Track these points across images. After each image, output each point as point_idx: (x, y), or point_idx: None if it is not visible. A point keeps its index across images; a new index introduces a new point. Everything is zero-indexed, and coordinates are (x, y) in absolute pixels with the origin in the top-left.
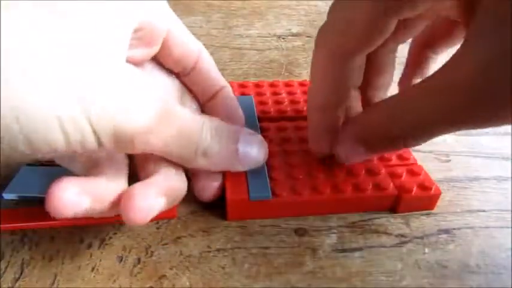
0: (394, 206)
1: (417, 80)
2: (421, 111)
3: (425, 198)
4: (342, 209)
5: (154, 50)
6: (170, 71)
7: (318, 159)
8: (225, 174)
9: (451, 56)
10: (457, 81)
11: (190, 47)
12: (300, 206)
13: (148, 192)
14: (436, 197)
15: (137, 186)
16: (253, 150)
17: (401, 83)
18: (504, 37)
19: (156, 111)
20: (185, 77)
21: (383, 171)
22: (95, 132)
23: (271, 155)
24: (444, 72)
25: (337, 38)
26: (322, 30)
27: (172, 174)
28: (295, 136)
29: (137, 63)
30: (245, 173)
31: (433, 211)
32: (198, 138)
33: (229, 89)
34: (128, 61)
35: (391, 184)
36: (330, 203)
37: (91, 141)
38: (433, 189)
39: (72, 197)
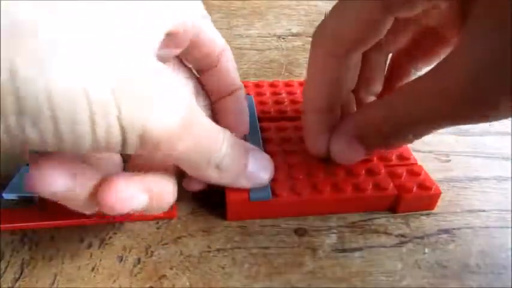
0: (394, 206)
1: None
2: (413, 112)
3: (425, 198)
4: (342, 209)
5: (180, 50)
6: (189, 67)
7: (318, 159)
8: None
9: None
10: (448, 88)
11: (215, 45)
12: (300, 206)
13: (132, 183)
14: (436, 196)
15: (121, 175)
16: (261, 169)
17: (380, 94)
18: (494, 46)
19: (185, 115)
20: (204, 73)
21: (383, 171)
22: (122, 127)
23: (271, 155)
24: (435, 76)
25: (333, 37)
26: (318, 31)
27: (162, 178)
28: (295, 136)
29: (162, 61)
30: None
31: (433, 211)
32: (215, 149)
33: (242, 91)
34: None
35: (391, 184)
36: (329, 203)
37: (116, 138)
38: (433, 189)
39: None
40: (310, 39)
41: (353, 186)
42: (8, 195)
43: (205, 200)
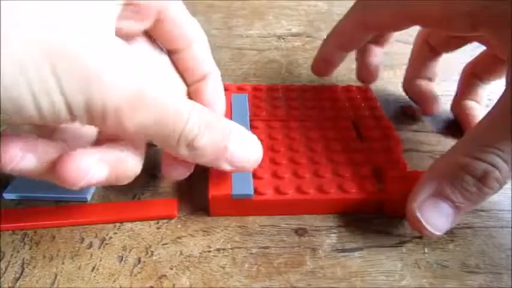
0: (381, 208)
1: (467, 103)
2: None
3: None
4: (326, 209)
5: (145, 24)
6: (161, 48)
7: (305, 159)
8: (209, 169)
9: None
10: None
11: (185, 29)
12: (282, 205)
13: (89, 155)
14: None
15: (81, 149)
16: (245, 152)
17: (453, 106)
18: None
19: (131, 92)
20: (176, 55)
21: (370, 173)
22: (67, 102)
23: None
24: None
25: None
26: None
27: (126, 150)
28: (283, 136)
29: (128, 36)
30: None
31: None
32: (181, 129)
33: (218, 75)
34: (117, 33)
35: (377, 187)
36: (313, 203)
37: (63, 112)
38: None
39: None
40: (311, 39)
41: (338, 187)
42: (8, 195)
43: (205, 200)
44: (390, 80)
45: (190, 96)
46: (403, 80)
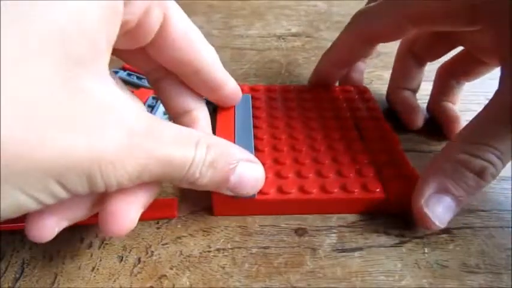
0: (383, 209)
1: (443, 104)
2: None
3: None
4: (329, 209)
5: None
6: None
7: (308, 159)
8: None
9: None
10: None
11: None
12: (285, 205)
13: (130, 209)
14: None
15: (118, 202)
16: (247, 183)
17: (429, 106)
18: None
19: (123, 140)
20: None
21: (372, 174)
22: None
23: (261, 152)
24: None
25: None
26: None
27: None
28: (286, 136)
29: (126, 53)
30: None
31: None
32: (183, 176)
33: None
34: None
35: (380, 187)
36: (316, 203)
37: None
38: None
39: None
40: (311, 39)
41: (341, 187)
42: None
43: (205, 200)
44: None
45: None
46: (386, 90)
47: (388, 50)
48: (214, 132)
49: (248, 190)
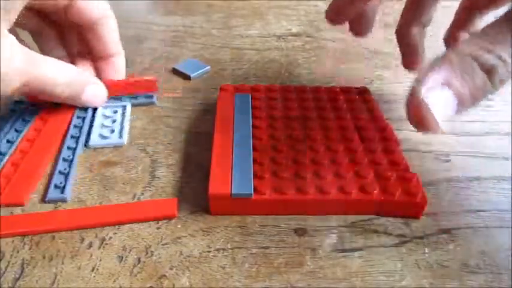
0: (378, 211)
1: (462, 35)
2: None
3: (409, 205)
4: (326, 210)
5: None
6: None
7: (307, 159)
8: (209, 169)
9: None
10: None
11: (92, 12)
12: (282, 205)
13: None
14: (420, 205)
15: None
16: (94, 97)
17: (446, 37)
18: None
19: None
20: (86, 34)
21: (371, 175)
22: None
23: (259, 152)
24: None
25: None
26: None
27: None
28: (285, 136)
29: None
30: (231, 168)
31: (433, 211)
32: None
33: (120, 58)
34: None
35: (377, 189)
36: (313, 203)
37: None
38: (418, 197)
39: None
40: (311, 39)
41: (338, 188)
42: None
43: (206, 199)
44: (389, 81)
45: (95, 71)
46: (396, 27)
47: (389, 50)
48: (213, 132)
49: (97, 102)
